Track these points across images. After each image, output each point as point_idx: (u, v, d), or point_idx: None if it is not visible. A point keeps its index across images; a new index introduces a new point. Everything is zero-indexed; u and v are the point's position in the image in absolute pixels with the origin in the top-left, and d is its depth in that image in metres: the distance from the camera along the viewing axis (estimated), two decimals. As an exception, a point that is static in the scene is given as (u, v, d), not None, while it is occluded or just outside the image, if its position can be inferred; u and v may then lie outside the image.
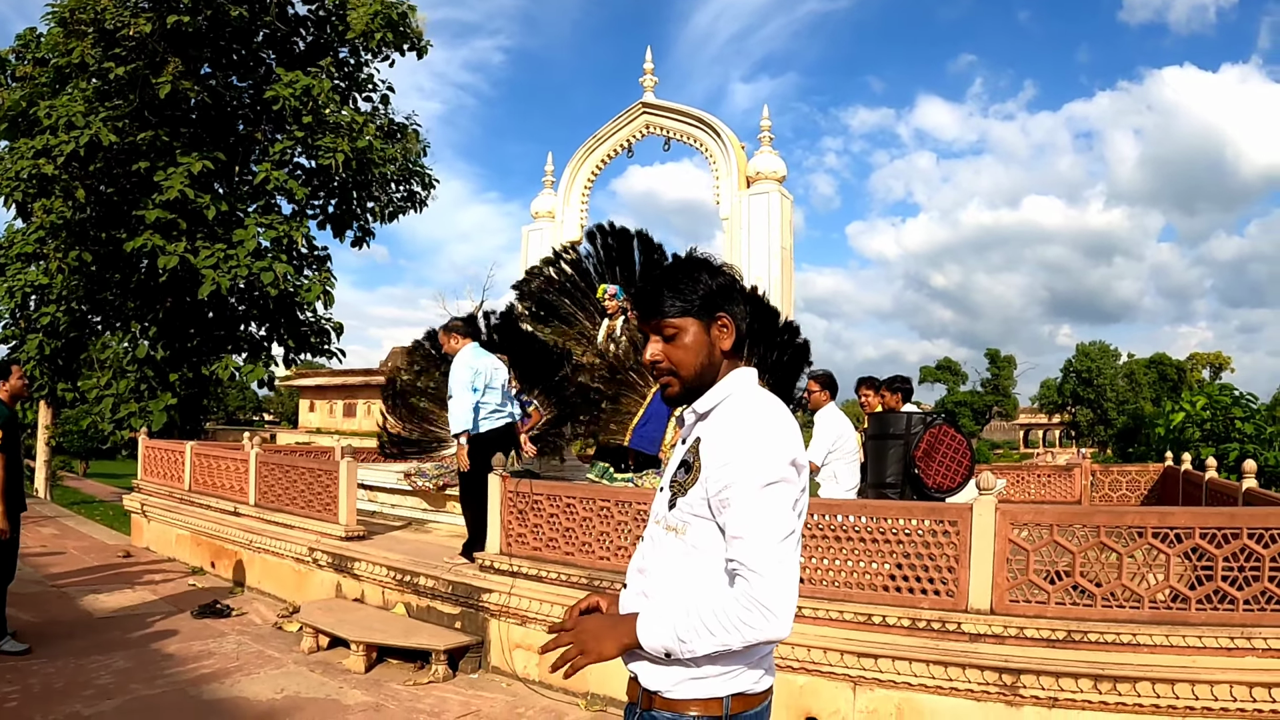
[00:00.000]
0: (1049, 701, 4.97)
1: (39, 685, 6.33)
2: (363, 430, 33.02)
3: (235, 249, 15.46)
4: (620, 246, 11.59)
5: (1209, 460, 10.02)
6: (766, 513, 2.05)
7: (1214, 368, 75.90)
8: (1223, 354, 77.09)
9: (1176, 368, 73.85)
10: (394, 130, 18.94)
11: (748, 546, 2.03)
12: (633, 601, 2.34)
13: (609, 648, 2.19)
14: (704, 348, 2.29)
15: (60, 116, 14.64)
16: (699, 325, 2.28)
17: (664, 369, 2.29)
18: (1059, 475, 13.70)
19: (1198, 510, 5.33)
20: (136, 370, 17.10)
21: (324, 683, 6.71)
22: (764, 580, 2.00)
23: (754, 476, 2.07)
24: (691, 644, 2.05)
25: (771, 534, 2.04)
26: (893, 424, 7.22)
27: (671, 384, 2.30)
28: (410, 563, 7.92)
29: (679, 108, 12.58)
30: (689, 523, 2.21)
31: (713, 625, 2.03)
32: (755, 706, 2.26)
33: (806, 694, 5.59)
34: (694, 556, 2.20)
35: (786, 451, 2.12)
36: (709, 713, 2.18)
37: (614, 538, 6.61)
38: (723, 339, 2.32)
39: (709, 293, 2.30)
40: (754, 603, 2.00)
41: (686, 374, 2.28)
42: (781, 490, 2.08)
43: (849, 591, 5.62)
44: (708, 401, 2.30)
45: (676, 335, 2.27)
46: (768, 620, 2.00)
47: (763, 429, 2.15)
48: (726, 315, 2.32)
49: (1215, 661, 4.77)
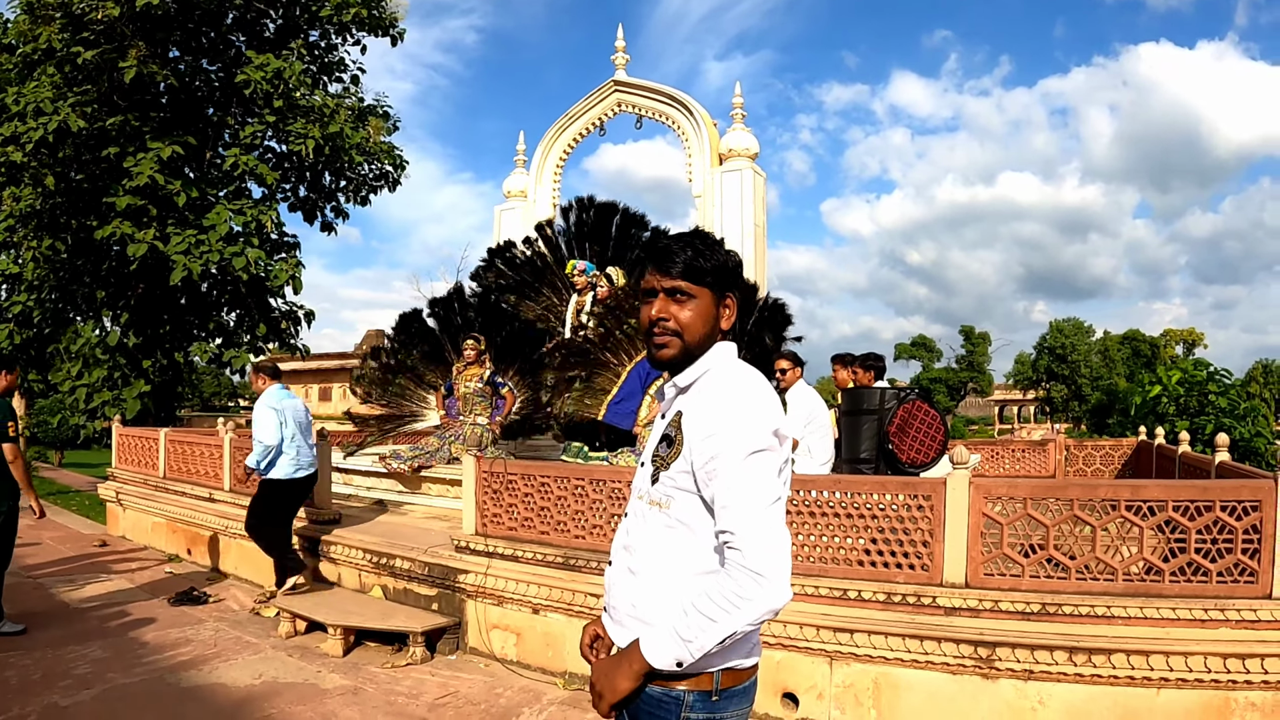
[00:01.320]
0: (1024, 674, 5.02)
1: (16, 678, 6.28)
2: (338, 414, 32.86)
3: (206, 234, 15.31)
4: (597, 222, 11.56)
5: (1182, 434, 10.08)
6: (753, 480, 2.06)
7: (1187, 344, 76.51)
8: (1196, 330, 77.79)
9: (1150, 344, 74.43)
10: (364, 113, 18.81)
11: (736, 514, 2.04)
12: (619, 578, 2.37)
13: (623, 684, 2.19)
14: (710, 320, 2.31)
15: (28, 103, 14.46)
16: (710, 298, 2.30)
17: (670, 328, 2.29)
18: (1033, 450, 13.79)
19: (1171, 483, 5.38)
20: (109, 359, 16.94)
21: (302, 667, 6.69)
22: (754, 546, 2.01)
23: (739, 446, 2.08)
24: (698, 641, 2.05)
25: (758, 500, 2.05)
26: (866, 399, 7.24)
27: (671, 345, 2.30)
28: (386, 545, 7.89)
29: (651, 85, 12.58)
30: (673, 497, 2.22)
31: (712, 612, 2.03)
32: (743, 682, 2.29)
33: (784, 670, 5.61)
34: (679, 530, 2.22)
35: (769, 421, 2.13)
36: (699, 688, 2.20)
37: (589, 516, 6.61)
38: (724, 318, 2.35)
39: (727, 269, 2.32)
40: (747, 572, 2.00)
41: (690, 339, 2.29)
42: (766, 458, 2.10)
43: (824, 567, 5.64)
44: (689, 375, 2.32)
45: (688, 300, 2.28)
46: (762, 586, 2.00)
47: (745, 399, 2.16)
48: (733, 297, 2.36)
49: (1189, 633, 4.81)
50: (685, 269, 2.26)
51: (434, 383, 11.21)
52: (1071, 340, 75.31)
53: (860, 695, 5.43)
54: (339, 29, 18.11)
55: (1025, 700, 5.04)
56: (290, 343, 18.56)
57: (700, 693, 2.20)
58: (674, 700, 2.20)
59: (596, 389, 9.42)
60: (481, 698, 6.11)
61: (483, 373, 10.03)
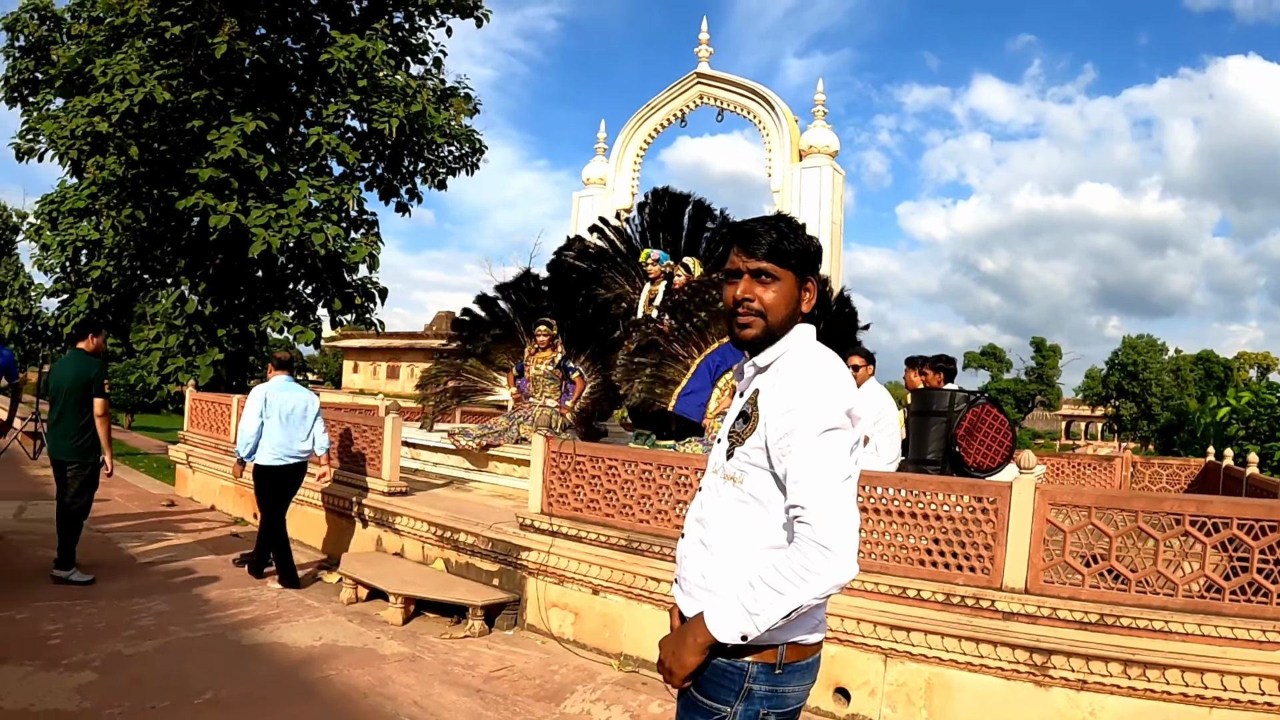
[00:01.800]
0: (1078, 684, 4.99)
1: (81, 625, 6.46)
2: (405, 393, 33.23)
3: (286, 209, 15.61)
4: (670, 212, 11.63)
5: (1251, 457, 9.93)
6: (825, 457, 2.12)
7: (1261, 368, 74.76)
8: (1271, 355, 75.94)
9: (1223, 365, 72.76)
10: (446, 94, 19.03)
11: (807, 490, 2.10)
12: (692, 550, 2.43)
13: (690, 658, 2.25)
14: (792, 301, 2.37)
15: (115, 75, 14.78)
16: (793, 280, 2.36)
17: (754, 309, 2.34)
18: (1099, 465, 13.61)
19: (1236, 500, 5.30)
20: (185, 325, 17.35)
21: (361, 632, 6.84)
22: (824, 521, 2.06)
23: (813, 423, 2.13)
24: (765, 614, 2.10)
25: (830, 477, 2.10)
26: (936, 401, 7.22)
27: (754, 325, 2.35)
28: (450, 519, 8.02)
29: (733, 79, 12.59)
30: (746, 472, 2.28)
31: (779, 584, 2.08)
32: (807, 657, 2.34)
33: (837, 664, 5.64)
34: (751, 505, 2.27)
35: (843, 400, 2.19)
36: (764, 660, 2.25)
37: (655, 501, 6.68)
38: (805, 301, 2.40)
39: (808, 254, 2.38)
40: (815, 545, 2.05)
41: (774, 320, 2.34)
42: (839, 437, 2.15)
43: (885, 564, 5.66)
44: (769, 355, 2.37)
45: (772, 281, 2.34)
46: (829, 560, 2.05)
47: (821, 379, 2.22)
48: (814, 281, 2.42)
49: (1246, 654, 4.75)
50: (770, 251, 2.32)
51: (505, 365, 11.35)
52: (1144, 358, 73.86)
53: (912, 694, 5.45)
54: (423, 10, 18.34)
55: (1077, 710, 5.02)
56: (366, 317, 18.83)
57: (764, 665, 2.25)
58: (738, 671, 2.26)
59: (666, 379, 9.48)
60: (536, 673, 6.20)
61: (554, 356, 10.15)
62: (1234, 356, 75.92)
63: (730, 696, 2.27)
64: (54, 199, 18.42)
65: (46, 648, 5.90)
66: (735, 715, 2.28)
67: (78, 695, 5.12)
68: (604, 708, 5.61)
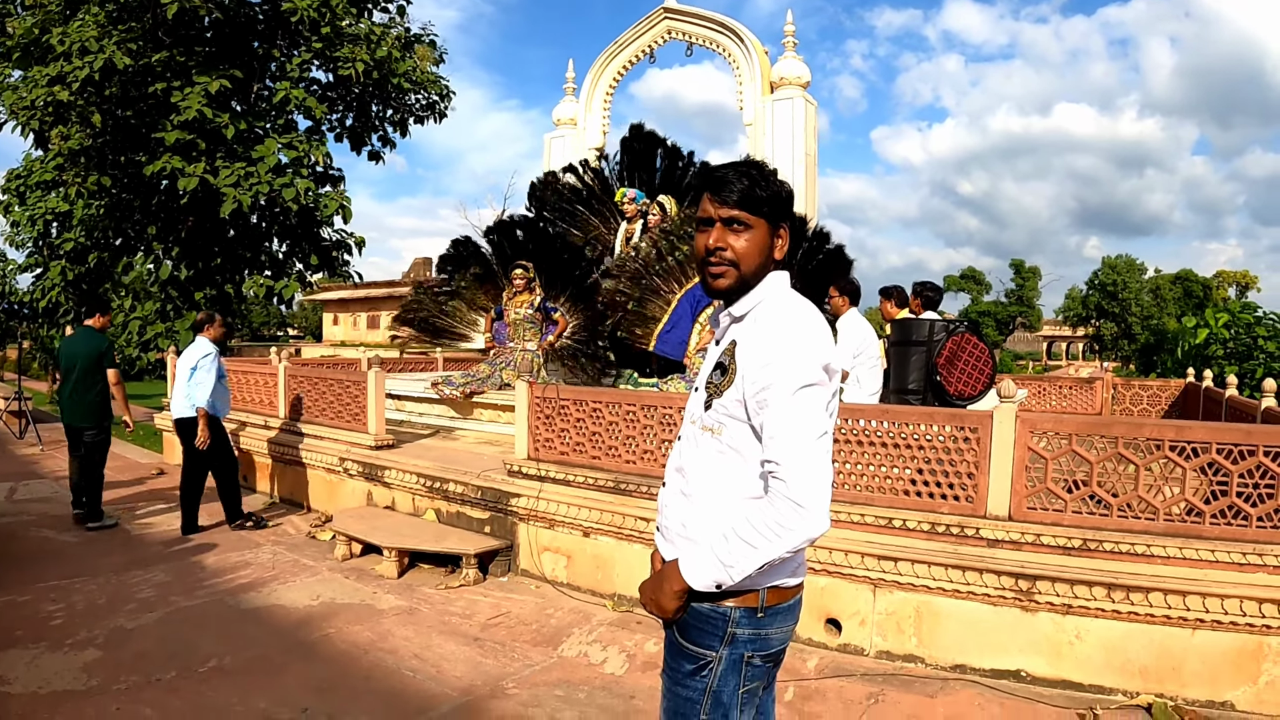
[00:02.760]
0: (1063, 608, 5.09)
1: (82, 602, 6.48)
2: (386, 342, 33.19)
3: (255, 166, 15.46)
4: (644, 151, 11.58)
5: (1230, 378, 10.00)
6: (801, 413, 2.12)
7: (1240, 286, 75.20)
8: (1250, 273, 76.36)
9: (1202, 285, 73.12)
10: (411, 42, 18.80)
11: (782, 445, 2.11)
12: (672, 499, 2.45)
13: (668, 602, 2.30)
14: (765, 250, 2.36)
15: (73, 42, 14.55)
16: (766, 228, 2.35)
17: (726, 258, 2.33)
18: (1080, 388, 13.71)
19: (1215, 425, 5.37)
20: (161, 292, 17.24)
21: (358, 588, 6.90)
22: (798, 477, 2.08)
23: (790, 379, 2.14)
24: (738, 565, 2.14)
25: (805, 433, 2.11)
26: (916, 331, 7.25)
27: (727, 274, 2.34)
28: (439, 469, 8.06)
29: (702, 12, 12.46)
30: (724, 424, 2.29)
31: (752, 538, 2.11)
32: (788, 600, 2.38)
33: (827, 595, 5.73)
34: (729, 456, 2.29)
35: (821, 355, 2.19)
36: (746, 604, 2.30)
37: (640, 442, 6.72)
38: (778, 249, 2.39)
39: (781, 200, 2.36)
40: (788, 501, 2.07)
41: (746, 269, 2.33)
42: (816, 393, 2.16)
43: (870, 495, 5.72)
44: (745, 305, 2.37)
45: (745, 230, 2.33)
46: (802, 517, 2.07)
47: (799, 333, 2.22)
48: (786, 227, 2.40)
49: (1226, 576, 4.84)
50: (742, 198, 2.30)
51: (485, 305, 11.33)
52: (1123, 278, 74.12)
53: (902, 623, 5.54)
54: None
55: (1063, 634, 5.12)
56: (342, 270, 18.74)
57: (746, 609, 2.29)
58: (721, 616, 2.30)
59: (648, 316, 9.49)
60: (533, 618, 6.28)
61: (533, 299, 10.13)
62: (1213, 275, 76.26)
63: (715, 642, 2.31)
64: (20, 173, 18.19)
65: (50, 628, 5.91)
66: (720, 660, 2.32)
67: (84, 674, 5.14)
68: (601, 649, 5.69)
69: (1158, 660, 4.95)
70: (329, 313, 51.86)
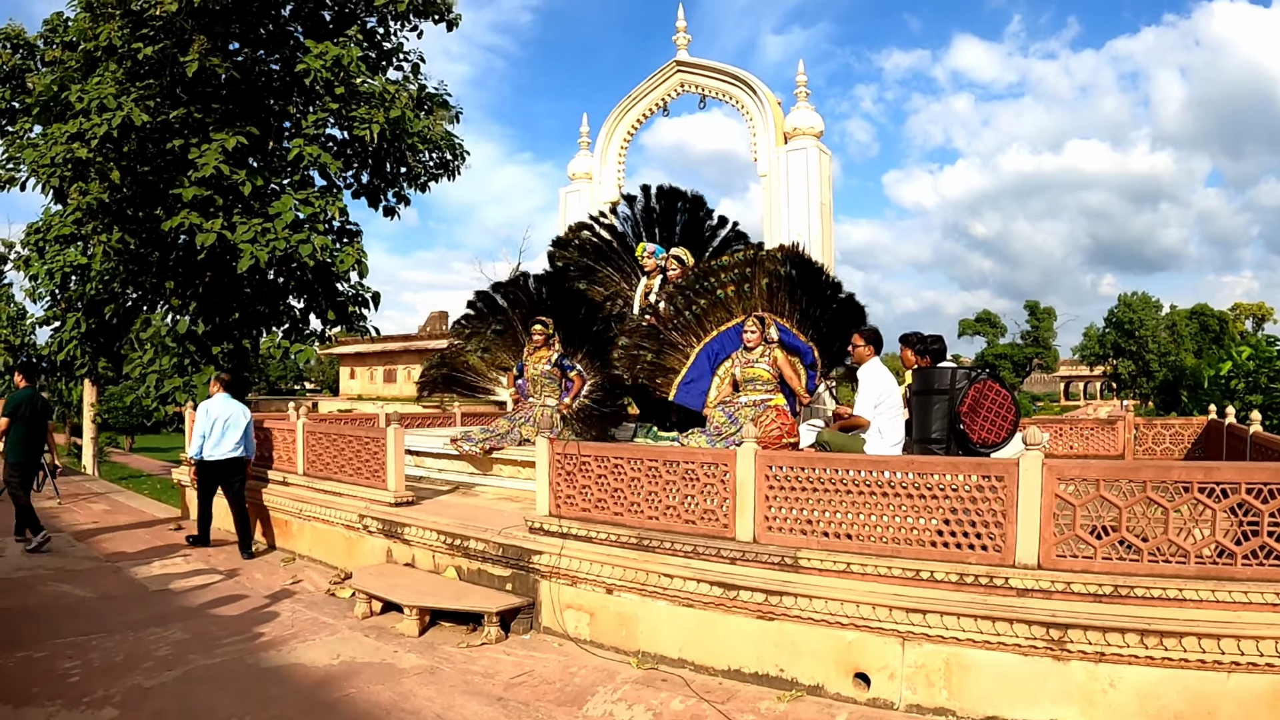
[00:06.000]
0: (1095, 656, 5.02)
1: (99, 660, 6.44)
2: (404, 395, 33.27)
3: (272, 222, 15.55)
4: (664, 207, 11.61)
5: (1253, 415, 9.91)
6: None
7: (1257, 319, 74.90)
8: (1265, 305, 76.10)
9: (1218, 319, 72.90)
10: (425, 100, 18.96)
11: None
12: None
13: None
14: None
15: (92, 99, 14.69)
16: None
17: None
18: (1101, 428, 13.60)
19: (1243, 465, 5.32)
20: (179, 346, 17.31)
21: (379, 647, 6.85)
22: None
23: None
24: None
25: None
26: (937, 379, 7.19)
27: None
28: (460, 526, 8.02)
29: (714, 65, 12.55)
30: None
31: None
32: None
33: (855, 649, 5.66)
34: None
35: None
36: None
37: (663, 497, 6.67)
38: None
39: None
40: None
41: None
42: None
43: (897, 547, 5.66)
44: None
45: None
46: None
47: None
48: None
49: (1261, 617, 4.77)
50: None
51: (506, 364, 11.31)
52: (1139, 315, 74.00)
53: (932, 675, 5.46)
54: (396, 15, 18.25)
55: (1096, 682, 5.04)
56: (359, 325, 18.79)
57: None
58: None
59: (667, 369, 9.48)
60: (556, 677, 6.21)
61: (551, 355, 10.14)
62: (1229, 308, 76.05)
63: None
64: (39, 227, 18.38)
65: (67, 686, 5.88)
66: None
67: (102, 734, 5.12)
68: (626, 708, 5.63)
69: (1192, 706, 4.87)
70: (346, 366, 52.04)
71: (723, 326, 9.51)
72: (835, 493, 5.91)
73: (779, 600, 5.92)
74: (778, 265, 9.27)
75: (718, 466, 6.39)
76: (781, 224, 11.33)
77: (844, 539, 5.83)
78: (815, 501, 5.99)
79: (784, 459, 6.31)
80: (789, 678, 5.91)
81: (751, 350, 8.88)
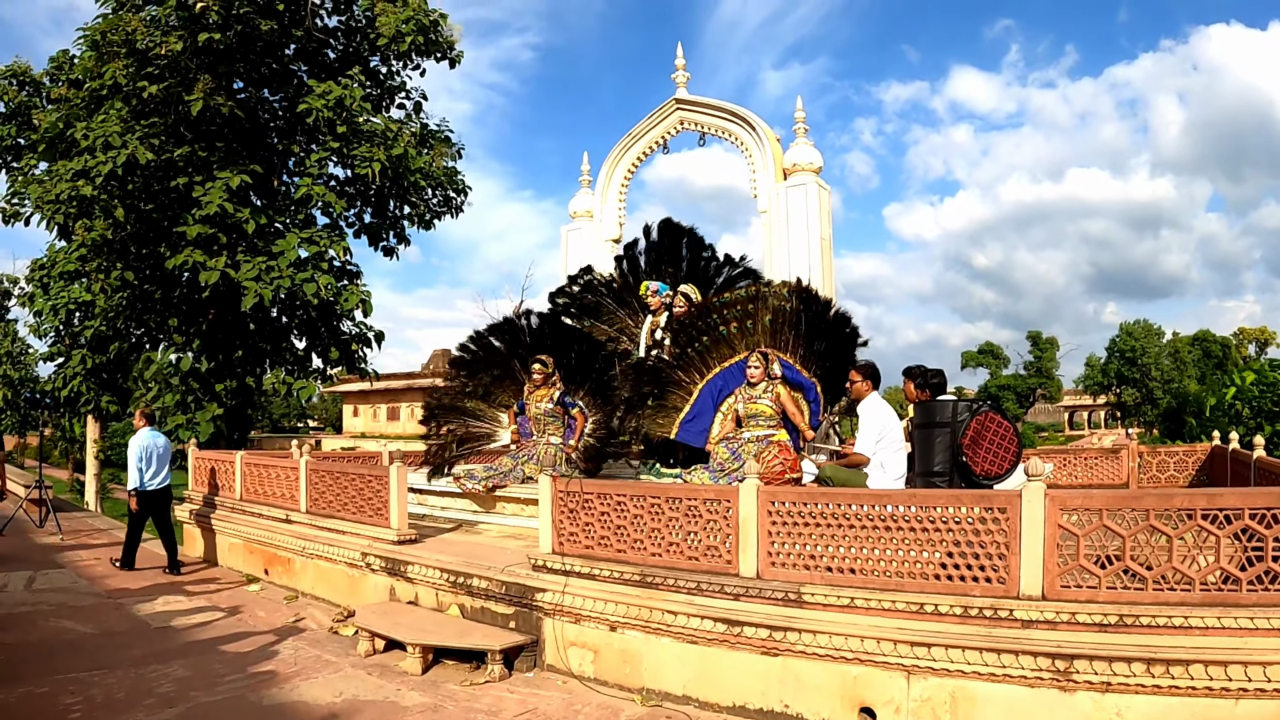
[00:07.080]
0: (1102, 686, 5.00)
1: (101, 696, 6.43)
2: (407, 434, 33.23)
3: (276, 260, 15.59)
4: (669, 243, 11.67)
5: (1257, 440, 9.91)
6: None
7: (1260, 344, 74.90)
8: (1268, 329, 76.12)
9: (1221, 344, 72.89)
10: (427, 137, 19.06)
11: None
12: None
13: None
14: None
15: (97, 137, 14.76)
16: None
17: None
18: (1106, 458, 13.59)
19: (1246, 491, 5.32)
20: (182, 383, 17.32)
21: (381, 685, 6.83)
22: None
23: None
24: None
25: None
26: (939, 412, 7.20)
27: None
28: (463, 564, 8.01)
29: (713, 103, 12.64)
30: None
31: None
32: None
33: (860, 684, 5.63)
34: None
35: None
36: None
37: (666, 534, 6.67)
38: None
39: None
40: None
41: None
42: None
43: (900, 581, 5.65)
44: None
45: None
46: None
47: None
48: None
49: (1267, 642, 4.76)
50: None
51: (506, 403, 11.30)
52: (1141, 343, 73.99)
53: (938, 709, 5.43)
54: (398, 55, 18.38)
55: (1103, 712, 5.02)
56: (359, 366, 18.79)
57: None
58: None
59: (669, 406, 9.48)
60: (560, 714, 6.19)
61: (552, 393, 10.13)
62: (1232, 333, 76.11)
63: None
64: (44, 263, 18.48)
65: (68, 722, 5.87)
66: None
67: (102, 773, 5.10)
68: (630, 746, 5.60)
69: (1200, 733, 4.84)
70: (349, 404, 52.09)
71: (726, 363, 9.52)
72: (838, 527, 5.91)
73: (783, 636, 5.90)
74: (781, 301, 9.29)
75: (720, 502, 6.40)
76: (782, 260, 11.38)
77: (848, 573, 5.82)
78: (818, 536, 5.98)
79: (786, 494, 6.31)
80: (794, 713, 5.88)
81: (755, 386, 8.88)
